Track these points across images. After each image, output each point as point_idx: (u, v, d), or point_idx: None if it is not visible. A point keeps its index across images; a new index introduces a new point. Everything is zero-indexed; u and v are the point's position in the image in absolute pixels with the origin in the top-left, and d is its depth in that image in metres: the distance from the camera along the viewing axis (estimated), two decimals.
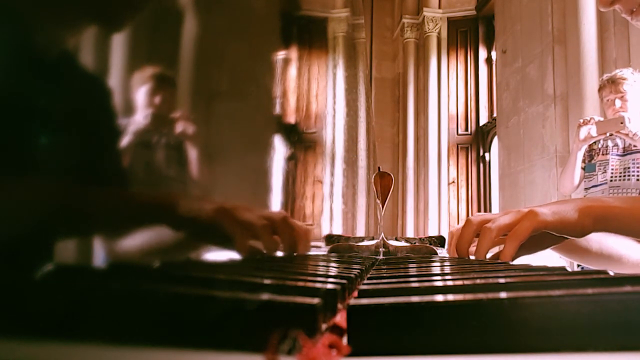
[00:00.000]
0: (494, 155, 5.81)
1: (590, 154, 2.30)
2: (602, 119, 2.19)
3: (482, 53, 6.40)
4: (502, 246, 0.61)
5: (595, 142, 2.26)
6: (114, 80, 0.26)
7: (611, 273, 0.29)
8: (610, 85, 2.20)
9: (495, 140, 5.51)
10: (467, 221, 0.67)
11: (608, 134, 2.16)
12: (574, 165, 2.29)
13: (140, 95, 0.29)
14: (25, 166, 0.20)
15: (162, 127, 0.33)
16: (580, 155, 2.28)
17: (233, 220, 0.40)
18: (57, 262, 0.21)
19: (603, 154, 2.26)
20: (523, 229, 0.57)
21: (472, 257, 0.67)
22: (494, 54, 5.92)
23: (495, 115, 5.58)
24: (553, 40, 3.76)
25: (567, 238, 0.62)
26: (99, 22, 0.25)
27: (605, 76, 2.28)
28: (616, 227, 0.57)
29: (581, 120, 2.24)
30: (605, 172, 2.22)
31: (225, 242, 0.40)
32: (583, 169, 2.32)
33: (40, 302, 0.17)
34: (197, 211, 0.37)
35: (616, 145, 2.23)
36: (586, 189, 2.31)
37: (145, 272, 0.26)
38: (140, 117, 0.29)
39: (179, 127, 0.36)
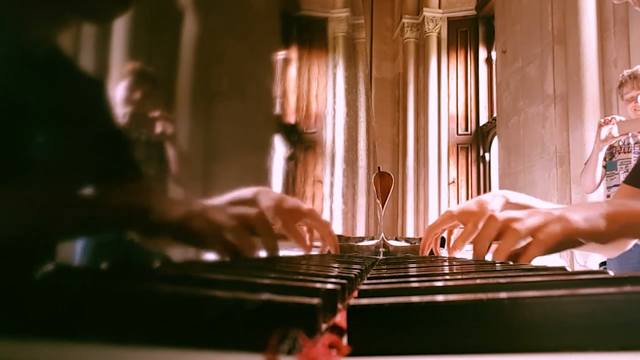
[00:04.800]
0: (494, 155, 5.80)
1: (611, 151, 2.25)
2: (623, 118, 2.15)
3: (482, 53, 6.40)
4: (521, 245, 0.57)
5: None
6: (110, 80, 0.26)
7: (611, 273, 0.29)
8: (632, 81, 2.13)
9: (495, 140, 5.51)
10: (491, 217, 0.59)
11: (630, 134, 2.13)
12: (594, 165, 2.25)
13: (140, 95, 0.29)
14: (20, 166, 0.20)
15: (162, 128, 0.33)
16: (601, 155, 2.22)
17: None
18: (57, 262, 0.21)
19: (625, 152, 2.20)
20: (553, 234, 0.53)
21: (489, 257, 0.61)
22: (494, 54, 5.92)
23: (495, 115, 5.58)
24: (553, 40, 3.76)
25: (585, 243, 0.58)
26: (93, 20, 0.25)
27: (627, 72, 2.20)
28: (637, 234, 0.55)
29: (602, 120, 2.20)
30: (627, 171, 2.18)
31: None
32: (604, 167, 2.26)
33: (40, 302, 0.17)
34: (203, 215, 0.37)
35: (638, 142, 2.17)
36: (608, 187, 2.27)
37: (145, 272, 0.26)
38: (139, 117, 0.29)
39: (179, 128, 0.36)
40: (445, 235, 0.95)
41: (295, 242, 0.61)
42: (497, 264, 0.51)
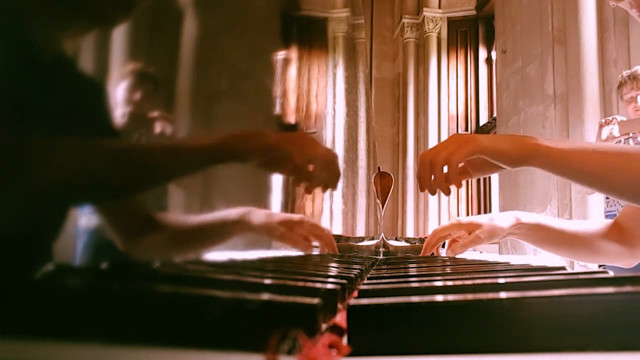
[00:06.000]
0: None
1: None
2: (624, 118, 2.15)
3: (482, 53, 6.40)
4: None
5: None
6: (109, 80, 0.26)
7: (611, 273, 0.29)
8: (632, 82, 2.12)
9: None
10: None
11: (631, 134, 2.12)
12: None
13: (141, 95, 0.29)
14: (21, 165, 0.20)
15: (162, 127, 0.33)
16: None
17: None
18: (57, 262, 0.21)
19: None
20: (461, 152, 0.63)
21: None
22: (494, 54, 5.91)
23: (495, 115, 5.57)
24: (553, 40, 3.76)
25: (504, 168, 0.66)
26: (94, 21, 0.25)
27: (626, 73, 2.18)
28: (543, 164, 0.63)
29: (603, 120, 2.19)
30: None
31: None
32: None
33: (40, 302, 0.17)
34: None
35: (638, 143, 2.17)
36: None
37: (146, 272, 0.26)
38: (140, 118, 0.29)
39: (179, 127, 0.36)
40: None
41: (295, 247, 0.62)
42: (497, 264, 0.51)
